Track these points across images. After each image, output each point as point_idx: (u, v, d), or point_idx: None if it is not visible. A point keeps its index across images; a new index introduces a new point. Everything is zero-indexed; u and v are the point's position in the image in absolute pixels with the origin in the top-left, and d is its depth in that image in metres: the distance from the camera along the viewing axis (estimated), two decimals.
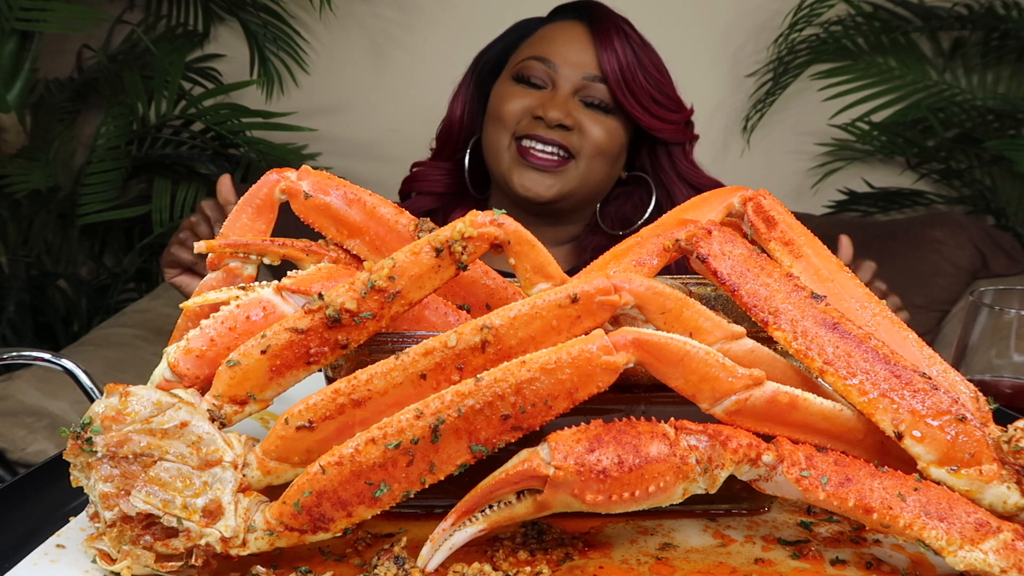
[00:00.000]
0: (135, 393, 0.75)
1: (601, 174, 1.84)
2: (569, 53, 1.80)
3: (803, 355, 0.78)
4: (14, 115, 3.10)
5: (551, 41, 1.82)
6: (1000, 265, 2.82)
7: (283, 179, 0.88)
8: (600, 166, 1.82)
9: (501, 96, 1.83)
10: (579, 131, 1.78)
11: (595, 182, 1.84)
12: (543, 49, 1.82)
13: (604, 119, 1.80)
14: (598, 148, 1.79)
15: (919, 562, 0.80)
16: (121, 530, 0.74)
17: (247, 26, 3.22)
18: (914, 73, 3.18)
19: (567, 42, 1.81)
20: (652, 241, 0.89)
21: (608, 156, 1.82)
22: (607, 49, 1.78)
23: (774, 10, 3.16)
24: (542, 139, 1.76)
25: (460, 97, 1.95)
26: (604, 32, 1.79)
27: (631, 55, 1.79)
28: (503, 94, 1.83)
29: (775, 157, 3.31)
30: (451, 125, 1.95)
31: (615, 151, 1.83)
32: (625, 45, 1.79)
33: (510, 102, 1.80)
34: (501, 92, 1.84)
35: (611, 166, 1.85)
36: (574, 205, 1.86)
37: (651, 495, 0.72)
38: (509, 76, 1.84)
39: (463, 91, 1.95)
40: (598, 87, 1.79)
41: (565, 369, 0.72)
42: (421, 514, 0.86)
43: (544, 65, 1.80)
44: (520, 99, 1.80)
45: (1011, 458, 0.75)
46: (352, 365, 0.81)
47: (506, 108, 1.80)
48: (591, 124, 1.78)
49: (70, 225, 3.22)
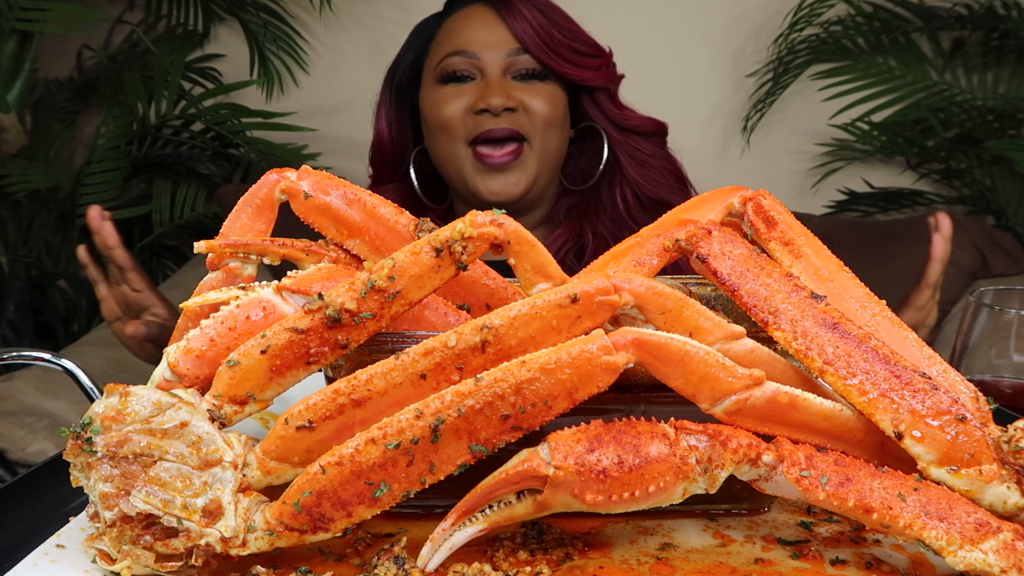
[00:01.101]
0: (135, 393, 0.75)
1: (555, 143, 1.83)
2: (484, 36, 1.77)
3: (803, 355, 0.78)
4: (14, 115, 3.10)
5: (461, 31, 1.79)
6: (1000, 265, 2.82)
7: (283, 179, 0.88)
8: (552, 136, 1.81)
9: (434, 103, 1.79)
10: (524, 109, 1.76)
11: (552, 153, 1.82)
12: (458, 42, 1.78)
13: (542, 87, 1.78)
14: (546, 120, 1.78)
15: (919, 562, 0.79)
16: (121, 530, 0.74)
17: (247, 26, 3.22)
18: (914, 73, 3.18)
19: (478, 27, 1.78)
20: (652, 241, 0.89)
21: (556, 123, 1.81)
22: (517, 19, 1.76)
23: (774, 10, 3.16)
24: (496, 132, 1.74)
25: (383, 117, 1.92)
26: (507, 3, 1.77)
27: (539, 16, 1.78)
28: (435, 100, 1.79)
29: (775, 157, 3.30)
30: (382, 147, 1.92)
31: (560, 116, 1.82)
32: (530, 8, 1.78)
33: (447, 106, 1.77)
34: (432, 99, 1.80)
35: (560, 132, 1.84)
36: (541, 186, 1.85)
37: (651, 495, 0.72)
38: (433, 80, 1.80)
39: (383, 111, 1.92)
40: (524, 58, 1.77)
41: (565, 369, 0.72)
42: (421, 514, 0.86)
43: (465, 57, 1.77)
44: (456, 99, 1.76)
45: (1011, 458, 0.75)
46: (352, 365, 0.81)
47: (446, 114, 1.77)
48: (532, 98, 1.77)
49: (70, 225, 3.23)
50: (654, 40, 3.24)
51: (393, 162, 1.92)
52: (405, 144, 1.92)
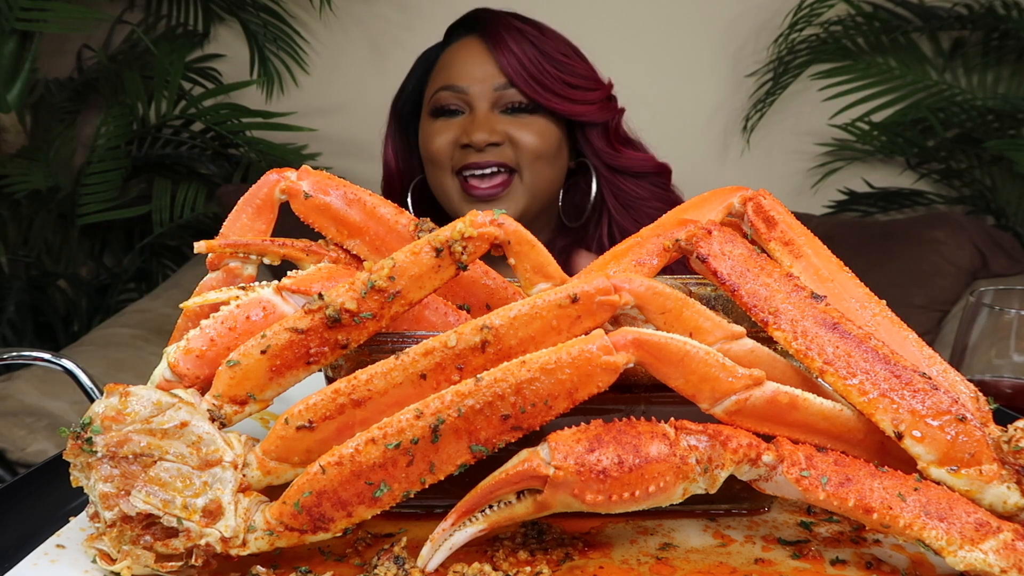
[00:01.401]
0: (135, 393, 0.75)
1: (547, 176, 1.79)
2: (472, 70, 1.77)
3: (803, 355, 0.78)
4: (14, 115, 3.10)
5: (452, 65, 1.80)
6: (1000, 265, 2.82)
7: (283, 179, 0.88)
8: (543, 169, 1.78)
9: (426, 136, 1.81)
10: (511, 143, 1.75)
11: (544, 186, 1.80)
12: (448, 76, 1.79)
13: (531, 120, 1.76)
14: (535, 152, 1.76)
15: (919, 562, 0.79)
16: (121, 530, 0.74)
17: (247, 26, 3.22)
18: (914, 73, 3.18)
19: (466, 61, 1.79)
20: (652, 241, 0.89)
21: (547, 156, 1.78)
22: (503, 53, 1.75)
23: (774, 10, 3.16)
24: (478, 164, 1.74)
25: (389, 147, 1.93)
26: (496, 36, 1.76)
27: (530, 48, 1.75)
28: (427, 133, 1.81)
29: (775, 157, 3.31)
30: (390, 176, 1.93)
31: (552, 149, 1.79)
32: (520, 41, 1.76)
33: (435, 140, 1.78)
34: (425, 132, 1.82)
35: (554, 165, 1.80)
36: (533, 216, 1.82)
37: (651, 495, 0.72)
38: (427, 114, 1.82)
39: (390, 140, 1.93)
40: (510, 92, 1.75)
41: (565, 369, 0.72)
42: (421, 514, 0.86)
43: (453, 92, 1.78)
44: (443, 134, 1.77)
45: (1011, 458, 0.75)
46: (352, 365, 0.81)
47: (434, 147, 1.78)
48: (520, 131, 1.75)
49: (70, 225, 3.23)
50: (654, 40, 3.25)
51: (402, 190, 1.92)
52: (412, 172, 1.92)
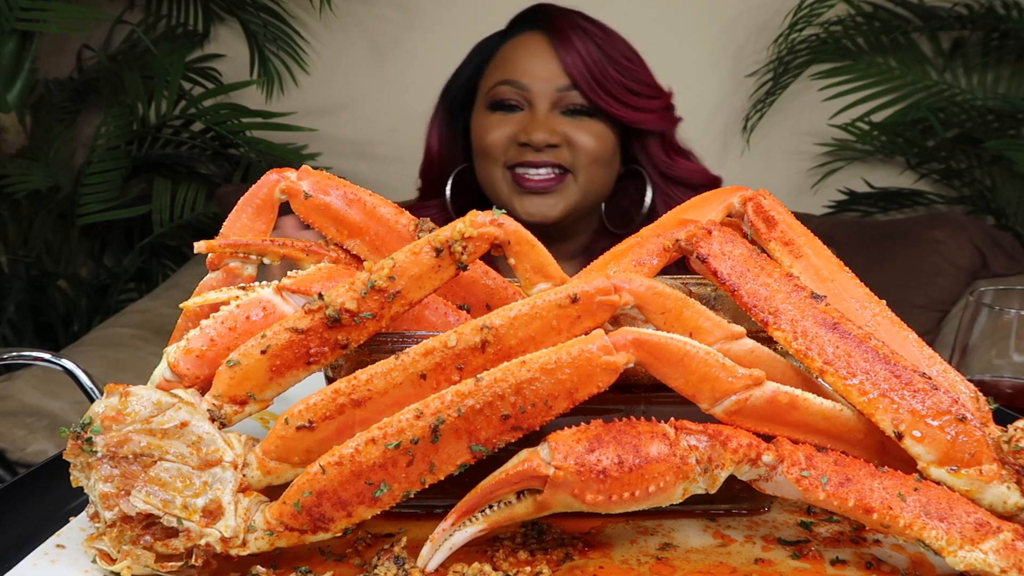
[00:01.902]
0: (135, 393, 0.75)
1: (601, 180, 1.80)
2: (535, 68, 1.75)
3: (803, 355, 0.78)
4: (14, 115, 3.10)
5: (514, 60, 1.78)
6: (1000, 265, 2.82)
7: (283, 179, 0.88)
8: (598, 172, 1.78)
9: (481, 128, 1.79)
10: (568, 145, 1.74)
11: (596, 189, 1.80)
12: (509, 71, 1.77)
13: (589, 124, 1.76)
14: (591, 156, 1.76)
15: (919, 562, 0.79)
16: (121, 530, 0.74)
17: (247, 26, 3.22)
18: (914, 73, 3.18)
19: (530, 57, 1.77)
20: (652, 241, 0.89)
21: (603, 160, 1.78)
22: (570, 53, 1.73)
23: (774, 10, 3.16)
24: (533, 163, 1.73)
25: (435, 132, 1.91)
26: (562, 36, 1.75)
27: (595, 51, 1.74)
28: (482, 126, 1.79)
29: (775, 157, 3.31)
30: (431, 162, 1.91)
31: (608, 154, 1.79)
32: (587, 42, 1.74)
33: (491, 133, 1.76)
34: (480, 124, 1.80)
35: (608, 169, 1.81)
36: (580, 216, 1.83)
37: (651, 495, 0.72)
38: (483, 106, 1.80)
39: (436, 125, 1.91)
40: (573, 94, 1.74)
41: (565, 369, 0.72)
42: (421, 514, 0.86)
43: (514, 87, 1.76)
44: (501, 128, 1.76)
45: (1011, 458, 0.75)
46: (352, 365, 0.80)
47: (489, 140, 1.76)
48: (578, 133, 1.74)
49: (70, 225, 3.23)
50: (654, 40, 3.23)
51: (440, 177, 1.90)
52: (454, 160, 1.91)
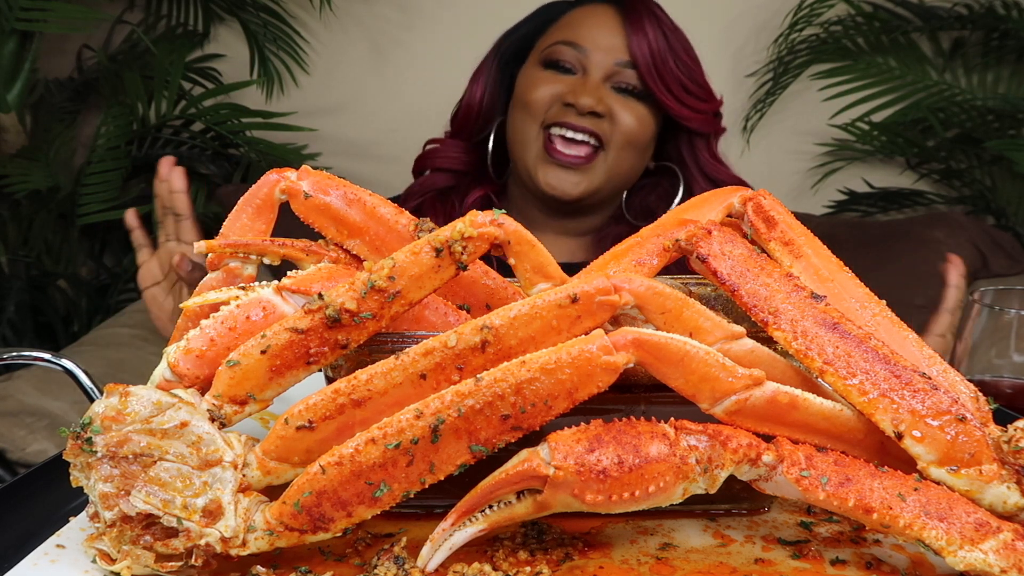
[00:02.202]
0: (135, 393, 0.75)
1: (629, 164, 1.79)
2: (599, 38, 1.75)
3: (803, 355, 0.78)
4: (14, 115, 3.10)
5: (580, 25, 1.77)
6: (1000, 265, 2.82)
7: (283, 179, 0.88)
8: (629, 156, 1.78)
9: (529, 82, 1.77)
10: (610, 118, 1.73)
11: (623, 173, 1.79)
12: (572, 34, 1.76)
13: (635, 105, 1.75)
14: (628, 137, 1.75)
15: (919, 562, 0.79)
16: (121, 530, 0.74)
17: (247, 26, 3.22)
18: (914, 73, 3.18)
19: (597, 26, 1.76)
20: (652, 241, 0.89)
21: (638, 145, 1.78)
22: (638, 33, 1.73)
23: (774, 10, 3.16)
24: (572, 126, 1.72)
25: (481, 80, 1.89)
26: (635, 16, 1.75)
27: (662, 40, 1.75)
28: (531, 80, 1.77)
29: (775, 157, 3.30)
30: (470, 108, 1.89)
31: (645, 140, 1.79)
32: (656, 30, 1.75)
33: (539, 88, 1.75)
34: (529, 78, 1.78)
35: (639, 156, 1.80)
36: (600, 199, 1.82)
37: (651, 495, 0.72)
38: (537, 61, 1.79)
39: (484, 73, 1.89)
40: (629, 73, 1.74)
41: (565, 369, 0.72)
42: (421, 514, 0.86)
43: (574, 50, 1.75)
44: (549, 85, 1.74)
45: (1011, 458, 0.75)
46: (352, 365, 0.80)
47: (535, 95, 1.75)
48: (622, 111, 1.74)
49: (70, 225, 3.23)
50: None
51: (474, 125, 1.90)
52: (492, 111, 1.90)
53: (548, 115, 1.74)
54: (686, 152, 1.84)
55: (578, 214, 1.86)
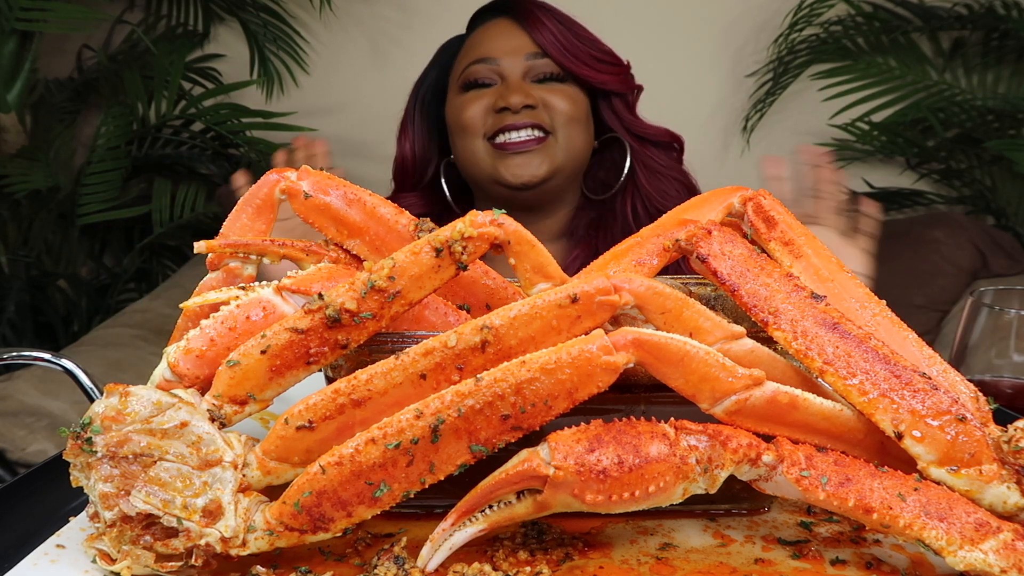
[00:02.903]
0: (135, 393, 0.75)
1: (580, 141, 1.84)
2: (505, 44, 1.82)
3: (803, 355, 0.78)
4: (14, 115, 3.10)
5: (483, 42, 1.85)
6: (1000, 265, 2.82)
7: (283, 179, 0.88)
8: (577, 133, 1.83)
9: (458, 109, 1.83)
10: (544, 107, 1.79)
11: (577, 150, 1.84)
12: (478, 51, 1.84)
13: (562, 87, 1.81)
14: (568, 116, 1.80)
15: (919, 562, 0.79)
16: (121, 530, 0.74)
17: (247, 26, 3.22)
18: (914, 73, 3.18)
19: (499, 36, 1.84)
20: (652, 241, 0.89)
21: (580, 121, 1.83)
22: (538, 28, 1.81)
23: (774, 10, 3.16)
24: (514, 126, 1.77)
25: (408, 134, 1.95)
26: (529, 15, 1.82)
27: (560, 26, 1.83)
28: (459, 106, 1.83)
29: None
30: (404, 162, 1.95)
31: (583, 115, 1.84)
32: (552, 20, 1.82)
33: (468, 109, 1.81)
34: (456, 106, 1.84)
35: (585, 131, 1.86)
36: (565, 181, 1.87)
37: (651, 495, 0.72)
38: (457, 90, 1.85)
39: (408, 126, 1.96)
40: (543, 62, 1.81)
41: (565, 369, 0.72)
42: (421, 514, 0.86)
43: (486, 64, 1.81)
44: (477, 103, 1.80)
45: (1011, 458, 0.75)
46: (352, 365, 0.80)
47: (467, 115, 1.81)
48: (552, 97, 1.80)
49: (70, 225, 3.23)
50: (654, 40, 3.24)
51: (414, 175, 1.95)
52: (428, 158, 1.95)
53: (487, 127, 1.80)
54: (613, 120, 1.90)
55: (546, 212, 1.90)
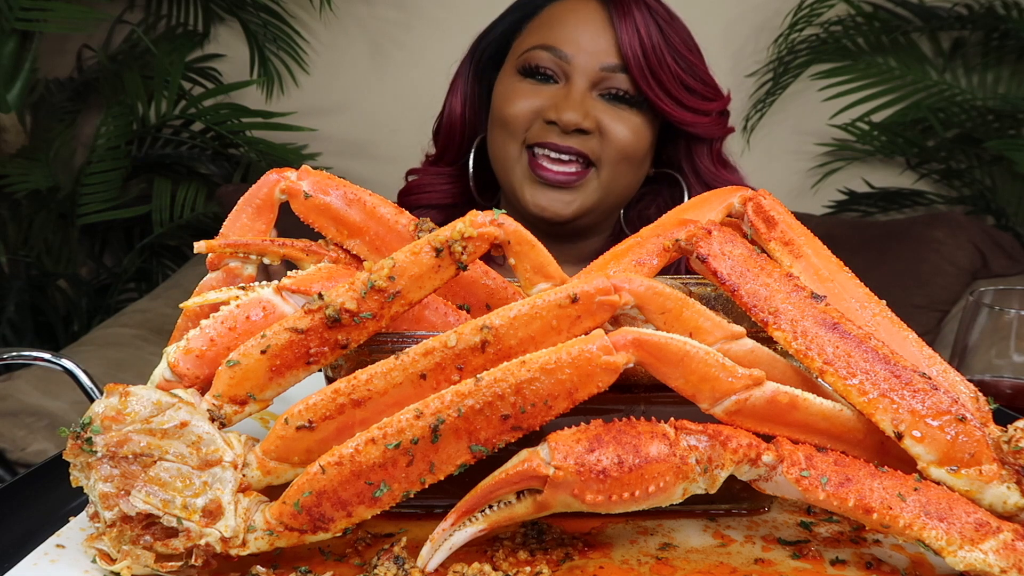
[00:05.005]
0: (135, 393, 0.75)
1: (626, 180, 1.56)
2: (582, 38, 1.51)
3: (803, 355, 0.78)
4: (14, 115, 3.10)
5: (560, 24, 1.53)
6: (1000, 265, 2.83)
7: (283, 179, 0.88)
8: (625, 171, 1.54)
9: (505, 95, 1.55)
10: (599, 134, 1.50)
11: (620, 190, 1.57)
12: (551, 35, 1.53)
13: (628, 115, 1.52)
14: (622, 152, 1.52)
15: (919, 562, 0.79)
16: (121, 530, 0.74)
17: (247, 26, 3.22)
18: (914, 73, 3.18)
19: (579, 24, 1.52)
20: (652, 241, 0.89)
21: (634, 160, 1.54)
22: (627, 28, 1.49)
23: (774, 10, 3.16)
24: (557, 147, 1.50)
25: (458, 92, 1.65)
26: (622, 7, 1.50)
27: (656, 34, 1.50)
28: (507, 92, 1.55)
29: (775, 157, 3.31)
30: (452, 125, 1.66)
31: (641, 153, 1.55)
32: (648, 21, 1.50)
33: (516, 103, 1.53)
34: (505, 90, 1.56)
35: (636, 169, 1.57)
36: (596, 218, 1.60)
37: (651, 495, 0.72)
38: (513, 69, 1.56)
39: (460, 84, 1.66)
40: (619, 77, 1.50)
41: (565, 369, 0.72)
42: (421, 514, 0.86)
43: (553, 55, 1.51)
44: (527, 99, 1.52)
45: (1011, 458, 0.75)
46: (352, 365, 0.80)
47: (513, 111, 1.53)
48: (613, 123, 1.50)
49: (70, 225, 3.23)
50: None
51: (460, 143, 1.66)
52: (476, 126, 1.66)
53: (529, 134, 1.53)
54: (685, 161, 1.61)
55: (574, 237, 1.64)
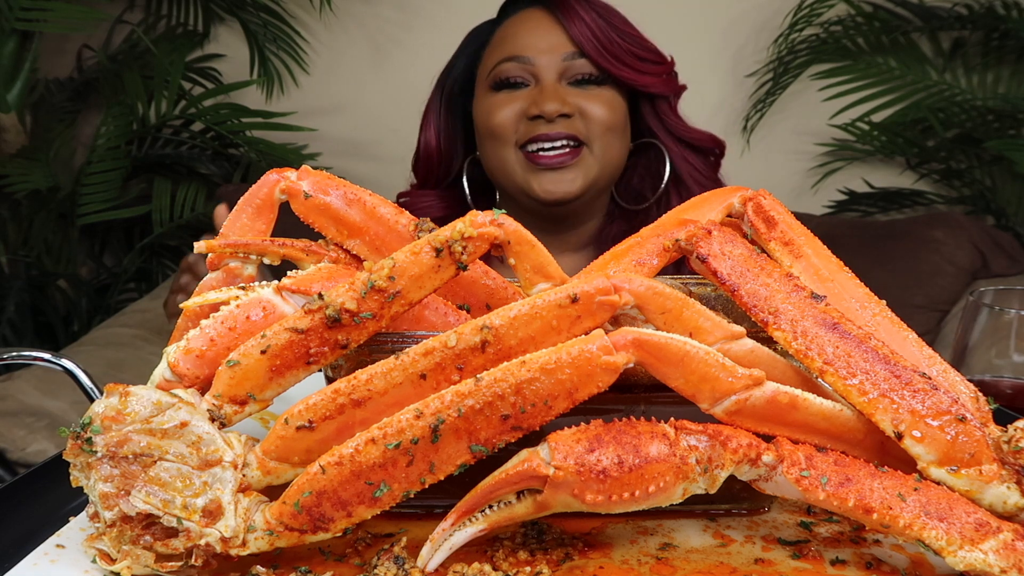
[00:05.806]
0: (135, 393, 0.75)
1: (616, 151, 1.74)
2: (539, 41, 1.70)
3: (803, 355, 0.78)
4: (14, 115, 3.10)
5: (515, 37, 1.73)
6: (1000, 265, 2.83)
7: (283, 179, 0.88)
8: (612, 141, 1.72)
9: (487, 110, 1.73)
10: (581, 115, 1.69)
11: (614, 160, 1.74)
12: (511, 47, 1.72)
13: (599, 92, 1.71)
14: (605, 125, 1.70)
15: (919, 562, 0.79)
16: (121, 530, 0.74)
17: (247, 26, 3.22)
18: (914, 73, 3.18)
19: (532, 31, 1.72)
20: (652, 241, 0.89)
21: (617, 129, 1.73)
22: (574, 22, 1.69)
23: (774, 10, 3.16)
24: (548, 136, 1.67)
25: (431, 125, 1.84)
26: (564, 7, 1.70)
27: (599, 20, 1.71)
28: (488, 108, 1.73)
29: (775, 157, 3.31)
30: (429, 156, 1.84)
31: (621, 122, 1.74)
32: (589, 12, 1.70)
33: (499, 112, 1.70)
34: (485, 107, 1.73)
35: (622, 139, 1.75)
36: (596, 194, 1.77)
37: (651, 495, 0.72)
38: (487, 88, 1.74)
39: (432, 119, 1.85)
40: (580, 62, 1.69)
41: (565, 369, 0.72)
42: (421, 514, 0.86)
43: (518, 63, 1.70)
44: (508, 106, 1.70)
45: (1011, 458, 0.75)
46: (352, 365, 0.81)
47: (498, 120, 1.70)
48: (589, 104, 1.69)
49: (70, 225, 3.23)
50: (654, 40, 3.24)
51: (439, 171, 1.85)
52: (453, 153, 1.85)
53: (519, 134, 1.69)
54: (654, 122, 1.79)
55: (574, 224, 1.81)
